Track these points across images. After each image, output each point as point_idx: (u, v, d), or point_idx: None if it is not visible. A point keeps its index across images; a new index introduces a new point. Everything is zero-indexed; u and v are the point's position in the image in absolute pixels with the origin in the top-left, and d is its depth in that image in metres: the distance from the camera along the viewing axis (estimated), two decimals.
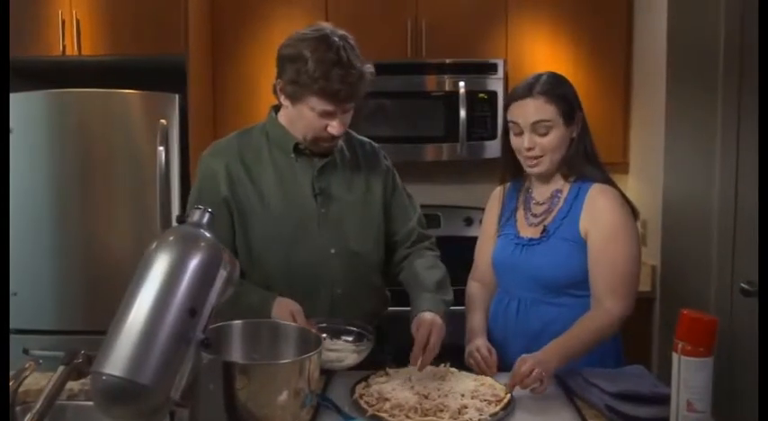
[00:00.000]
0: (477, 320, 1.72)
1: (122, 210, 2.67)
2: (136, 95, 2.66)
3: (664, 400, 1.32)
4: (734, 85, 2.50)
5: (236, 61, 2.97)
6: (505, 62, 2.90)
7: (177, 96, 2.65)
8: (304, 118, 1.57)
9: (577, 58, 2.92)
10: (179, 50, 2.70)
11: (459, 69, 2.89)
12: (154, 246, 1.04)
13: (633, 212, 1.63)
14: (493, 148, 2.92)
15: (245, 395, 1.12)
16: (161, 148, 2.61)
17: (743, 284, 2.29)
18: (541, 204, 1.70)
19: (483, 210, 3.10)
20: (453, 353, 1.64)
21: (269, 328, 1.29)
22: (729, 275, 2.58)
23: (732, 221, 2.58)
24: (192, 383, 1.01)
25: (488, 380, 1.50)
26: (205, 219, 1.09)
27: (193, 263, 1.02)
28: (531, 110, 1.60)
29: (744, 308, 2.35)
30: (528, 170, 1.67)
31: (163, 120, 2.63)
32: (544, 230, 1.65)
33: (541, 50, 2.94)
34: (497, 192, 1.83)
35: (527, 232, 1.69)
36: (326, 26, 1.58)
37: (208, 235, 1.07)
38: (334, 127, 1.56)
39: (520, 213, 1.74)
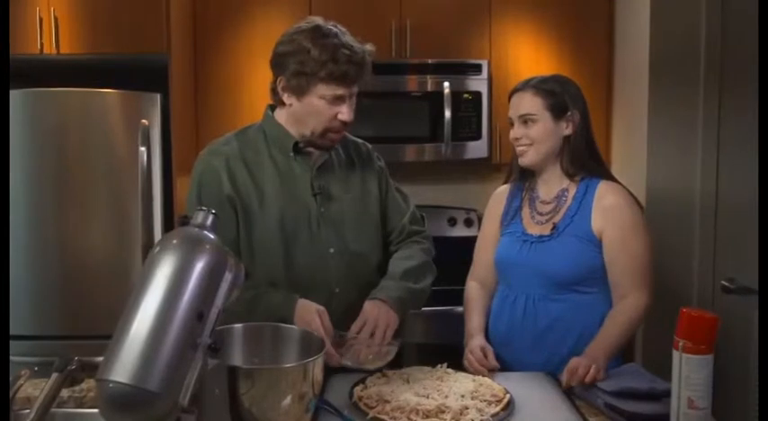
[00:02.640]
0: (474, 321, 1.73)
1: (101, 211, 2.61)
2: (116, 95, 2.60)
3: (661, 396, 1.35)
4: (715, 86, 2.56)
5: (218, 60, 2.93)
6: (489, 63, 2.92)
7: (159, 96, 2.61)
8: (313, 110, 1.57)
9: (560, 59, 2.94)
10: (161, 49, 2.65)
11: (444, 70, 2.90)
12: (157, 249, 1.02)
13: (639, 206, 1.70)
14: (477, 149, 2.94)
15: (249, 399, 1.11)
16: (143, 149, 2.56)
17: (724, 282, 2.33)
18: (548, 203, 1.73)
19: (467, 210, 3.19)
20: (452, 354, 1.64)
21: (271, 331, 1.27)
22: (711, 273, 2.63)
23: (713, 221, 2.63)
24: (199, 389, 0.99)
25: (486, 380, 1.50)
26: (209, 221, 1.06)
27: (199, 265, 1.00)
28: (519, 102, 1.70)
29: (725, 305, 2.40)
30: (519, 161, 1.73)
31: (144, 121, 2.57)
32: (554, 227, 1.68)
33: (525, 51, 2.96)
34: (500, 193, 1.85)
35: (534, 230, 1.72)
36: (316, 18, 1.60)
37: (212, 237, 1.05)
38: (345, 113, 1.57)
39: (525, 212, 1.76)
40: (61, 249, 2.61)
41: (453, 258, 2.05)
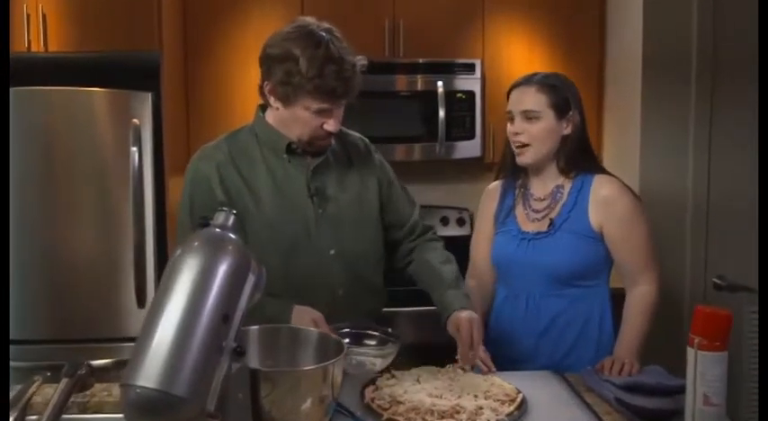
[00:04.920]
0: None
1: (91, 213, 2.56)
2: (106, 94, 2.54)
3: (670, 392, 1.36)
4: (707, 85, 2.60)
5: (210, 58, 2.89)
6: (482, 62, 2.93)
7: (150, 95, 2.56)
8: (299, 119, 1.54)
9: (553, 58, 2.96)
10: (152, 47, 2.60)
11: (437, 69, 2.90)
12: (179, 252, 1.00)
13: (635, 195, 1.72)
14: (471, 148, 2.94)
15: (269, 402, 1.09)
16: (134, 149, 2.52)
17: (715, 279, 2.37)
18: (543, 200, 1.73)
19: (459, 209, 3.19)
20: (449, 353, 1.63)
21: (288, 334, 1.26)
22: (702, 271, 2.68)
23: (705, 219, 2.67)
24: (224, 393, 0.97)
25: (497, 379, 1.49)
26: (230, 222, 1.05)
27: (223, 267, 0.98)
28: (522, 97, 1.69)
29: (717, 302, 2.43)
30: (518, 160, 1.72)
31: (135, 120, 2.53)
32: (551, 223, 1.68)
33: (518, 50, 2.96)
34: (492, 190, 1.85)
35: (530, 227, 1.72)
36: (310, 21, 1.55)
37: (234, 237, 1.04)
38: (331, 124, 1.54)
39: (519, 209, 1.76)
40: (50, 252, 2.55)
41: None
